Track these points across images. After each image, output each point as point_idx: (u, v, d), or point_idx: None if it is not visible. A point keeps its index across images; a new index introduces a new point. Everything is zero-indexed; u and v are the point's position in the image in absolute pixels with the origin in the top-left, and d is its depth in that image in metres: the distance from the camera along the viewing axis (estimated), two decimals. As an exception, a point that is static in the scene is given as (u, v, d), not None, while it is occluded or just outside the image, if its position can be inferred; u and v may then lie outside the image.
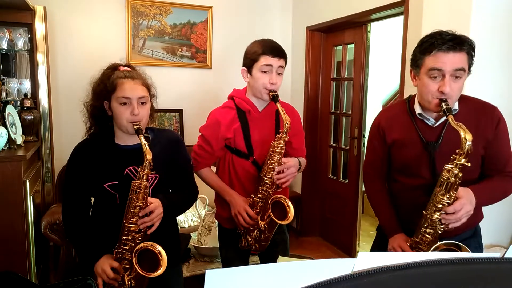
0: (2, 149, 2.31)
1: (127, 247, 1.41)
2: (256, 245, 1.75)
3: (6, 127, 2.37)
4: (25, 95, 2.78)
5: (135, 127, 1.40)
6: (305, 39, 3.77)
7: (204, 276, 0.52)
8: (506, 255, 0.51)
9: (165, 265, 1.33)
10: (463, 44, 1.35)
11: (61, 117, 3.18)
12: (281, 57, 1.70)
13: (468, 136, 1.26)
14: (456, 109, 1.44)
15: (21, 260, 2.26)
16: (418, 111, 1.49)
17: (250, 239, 1.75)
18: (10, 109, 2.54)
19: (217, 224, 1.98)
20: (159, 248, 1.35)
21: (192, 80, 3.68)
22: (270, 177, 1.65)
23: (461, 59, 1.35)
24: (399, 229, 1.56)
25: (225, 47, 3.75)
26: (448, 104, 1.34)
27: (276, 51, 1.69)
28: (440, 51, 1.34)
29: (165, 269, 1.33)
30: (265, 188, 1.67)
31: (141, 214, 1.40)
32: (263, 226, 1.68)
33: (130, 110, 1.41)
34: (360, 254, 0.50)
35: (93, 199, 1.59)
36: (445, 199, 1.33)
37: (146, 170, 1.37)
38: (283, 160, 1.66)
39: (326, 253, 3.68)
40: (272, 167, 1.65)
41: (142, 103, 1.45)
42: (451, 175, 1.31)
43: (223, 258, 1.95)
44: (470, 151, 1.27)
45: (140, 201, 1.39)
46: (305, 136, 1.98)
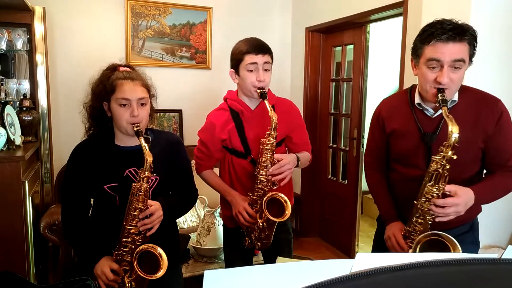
0: (1, 150, 2.31)
1: (127, 249, 1.41)
2: (258, 243, 1.75)
3: (5, 128, 2.37)
4: (24, 95, 2.78)
5: (135, 129, 1.39)
6: (305, 40, 3.77)
7: (203, 276, 0.52)
8: (503, 256, 0.51)
9: (166, 268, 1.33)
10: (464, 34, 1.31)
11: (60, 117, 3.18)
12: (265, 53, 1.69)
13: (454, 128, 1.25)
14: (455, 100, 1.42)
15: (20, 260, 2.25)
16: (417, 101, 1.48)
17: (253, 238, 1.76)
18: (9, 110, 2.54)
19: (222, 224, 1.99)
20: (160, 250, 1.35)
21: (191, 80, 3.68)
22: (264, 174, 1.65)
23: (461, 49, 1.32)
24: (396, 217, 1.57)
25: (225, 48, 3.73)
26: (444, 95, 1.32)
27: (259, 48, 1.68)
28: (439, 41, 1.31)
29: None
30: (261, 186, 1.67)
31: (141, 216, 1.39)
32: (261, 224, 1.68)
33: (129, 111, 1.40)
34: (358, 255, 0.50)
35: (92, 200, 1.59)
36: (435, 190, 1.33)
37: (146, 172, 1.37)
38: (277, 157, 1.65)
39: (325, 253, 3.68)
40: (265, 164, 1.65)
41: (141, 104, 1.44)
42: (439, 167, 1.30)
43: (227, 258, 1.96)
44: (456, 144, 1.26)
45: (140, 204, 1.38)
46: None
